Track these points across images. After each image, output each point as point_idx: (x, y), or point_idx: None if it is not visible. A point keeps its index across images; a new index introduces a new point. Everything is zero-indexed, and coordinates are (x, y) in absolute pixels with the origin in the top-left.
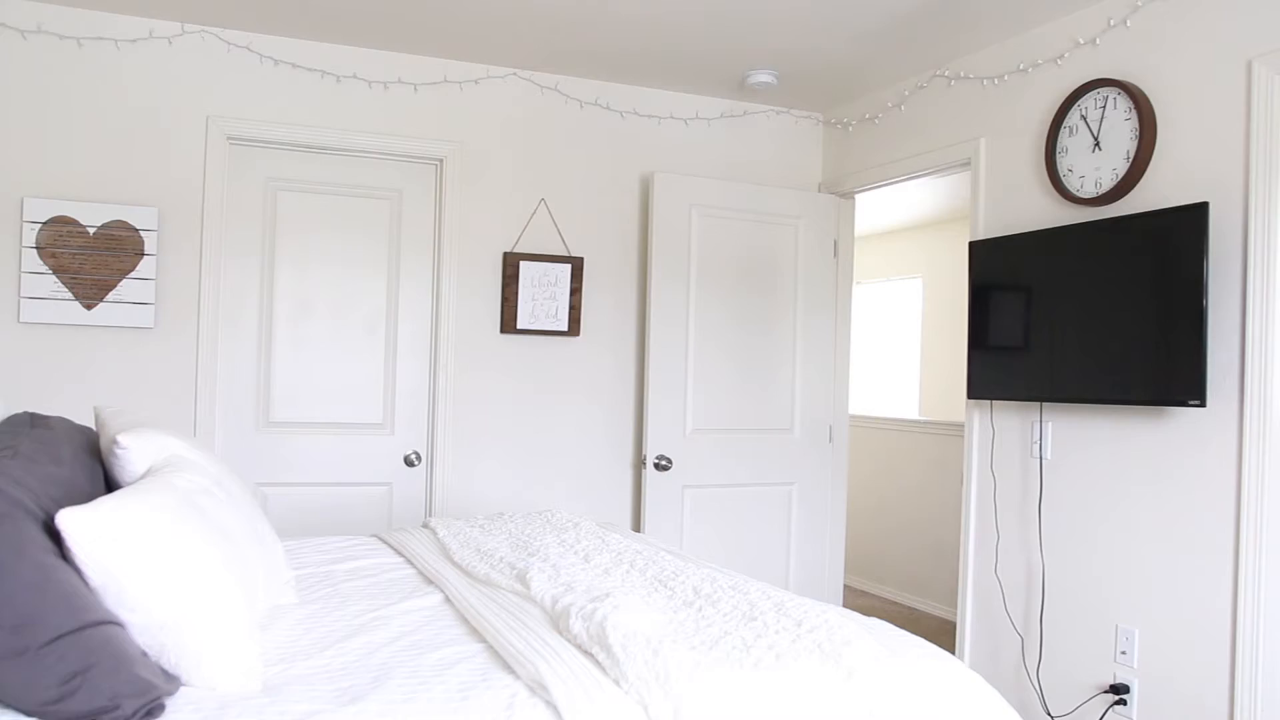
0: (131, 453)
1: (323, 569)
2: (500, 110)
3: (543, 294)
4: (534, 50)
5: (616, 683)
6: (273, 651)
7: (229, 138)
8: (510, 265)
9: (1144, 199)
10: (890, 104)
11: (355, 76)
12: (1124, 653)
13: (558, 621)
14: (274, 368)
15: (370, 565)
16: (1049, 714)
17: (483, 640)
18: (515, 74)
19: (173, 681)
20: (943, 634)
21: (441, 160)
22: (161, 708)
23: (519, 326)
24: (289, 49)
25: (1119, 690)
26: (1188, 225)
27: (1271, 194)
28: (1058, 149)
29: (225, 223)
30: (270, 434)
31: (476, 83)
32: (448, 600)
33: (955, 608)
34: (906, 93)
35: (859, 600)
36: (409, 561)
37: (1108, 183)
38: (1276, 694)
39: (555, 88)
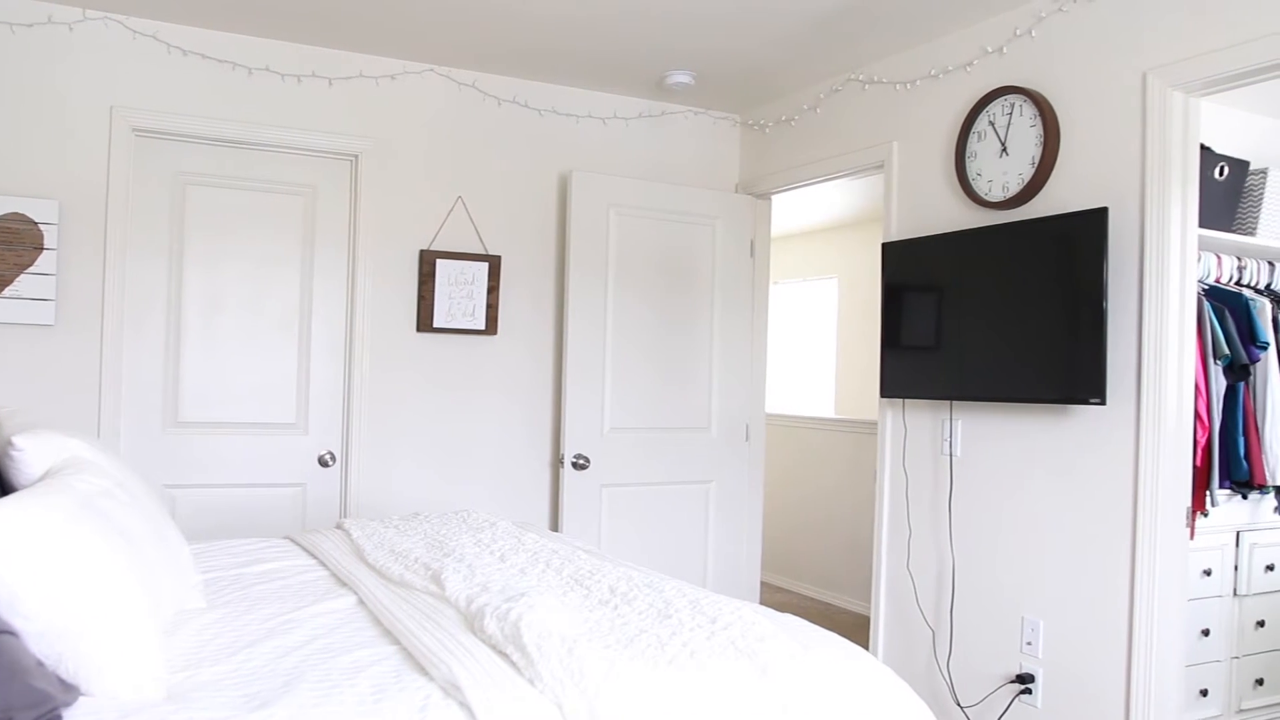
0: (28, 455)
1: (232, 572)
2: (417, 106)
3: (460, 292)
4: (452, 47)
5: (531, 682)
6: (178, 657)
7: (134, 129)
8: (427, 263)
9: (1048, 203)
10: (806, 106)
11: (268, 69)
12: (1029, 643)
13: (473, 622)
14: (183, 366)
15: (282, 568)
16: (959, 704)
17: (397, 642)
18: (433, 70)
19: (71, 691)
20: (858, 628)
21: (357, 156)
22: (58, 719)
23: (435, 325)
24: (197, 39)
25: (1024, 680)
26: (1089, 229)
27: (1165, 200)
28: (967, 153)
29: (131, 216)
30: (179, 434)
31: (393, 78)
32: (361, 602)
33: (870, 603)
34: (822, 95)
35: (776, 596)
36: (322, 563)
37: (1014, 187)
38: (1169, 681)
39: (473, 85)
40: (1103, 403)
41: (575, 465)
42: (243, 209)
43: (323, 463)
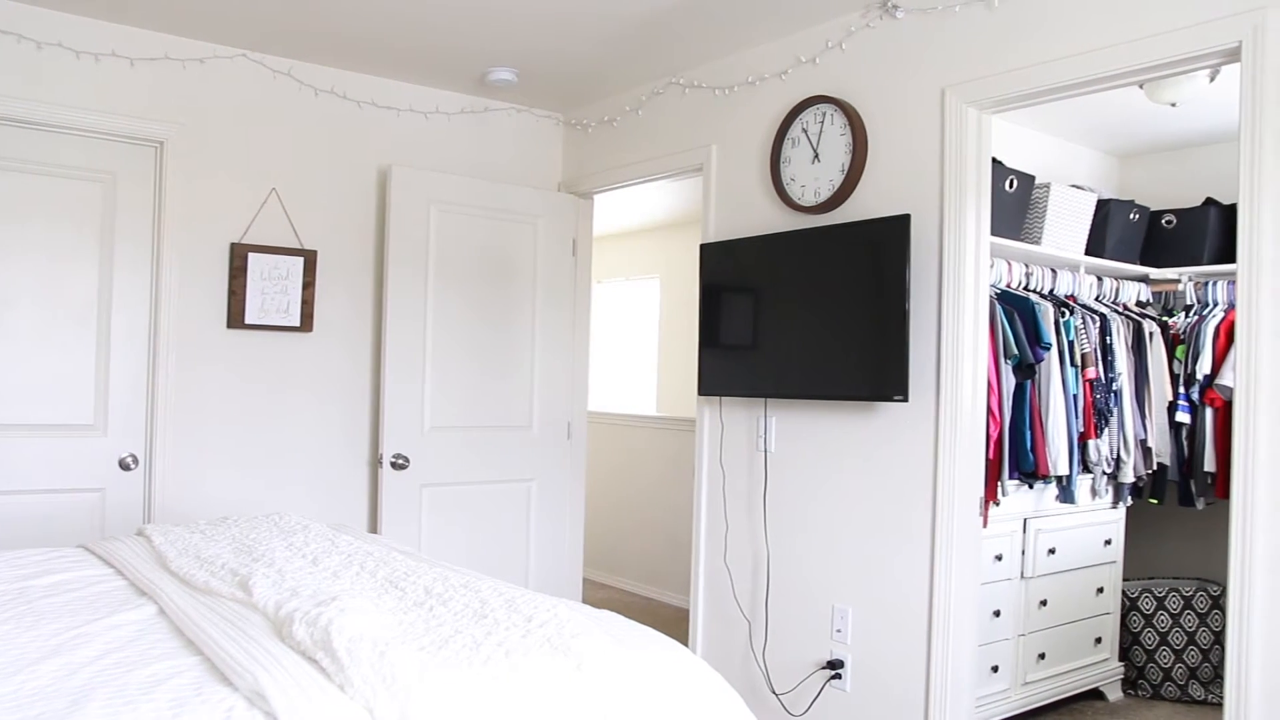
0: None
1: (16, 585)
2: (228, 92)
3: (273, 288)
4: (265, 31)
5: (342, 688)
6: None
7: None
8: (238, 257)
9: (857, 209)
10: (628, 108)
11: (60, 45)
12: (839, 631)
13: (281, 628)
14: None
15: (73, 579)
16: (774, 692)
17: (200, 653)
18: (244, 55)
19: None
20: (678, 622)
21: (162, 143)
22: None
23: (247, 321)
24: None
25: (835, 666)
26: (893, 235)
27: (961, 209)
28: (782, 159)
29: None
30: None
31: (202, 61)
32: (162, 612)
33: (690, 596)
34: (644, 98)
35: (599, 593)
36: (119, 572)
37: (826, 192)
38: (964, 660)
39: (288, 73)
40: (906, 400)
41: (394, 465)
42: (32, 195)
43: (124, 466)
